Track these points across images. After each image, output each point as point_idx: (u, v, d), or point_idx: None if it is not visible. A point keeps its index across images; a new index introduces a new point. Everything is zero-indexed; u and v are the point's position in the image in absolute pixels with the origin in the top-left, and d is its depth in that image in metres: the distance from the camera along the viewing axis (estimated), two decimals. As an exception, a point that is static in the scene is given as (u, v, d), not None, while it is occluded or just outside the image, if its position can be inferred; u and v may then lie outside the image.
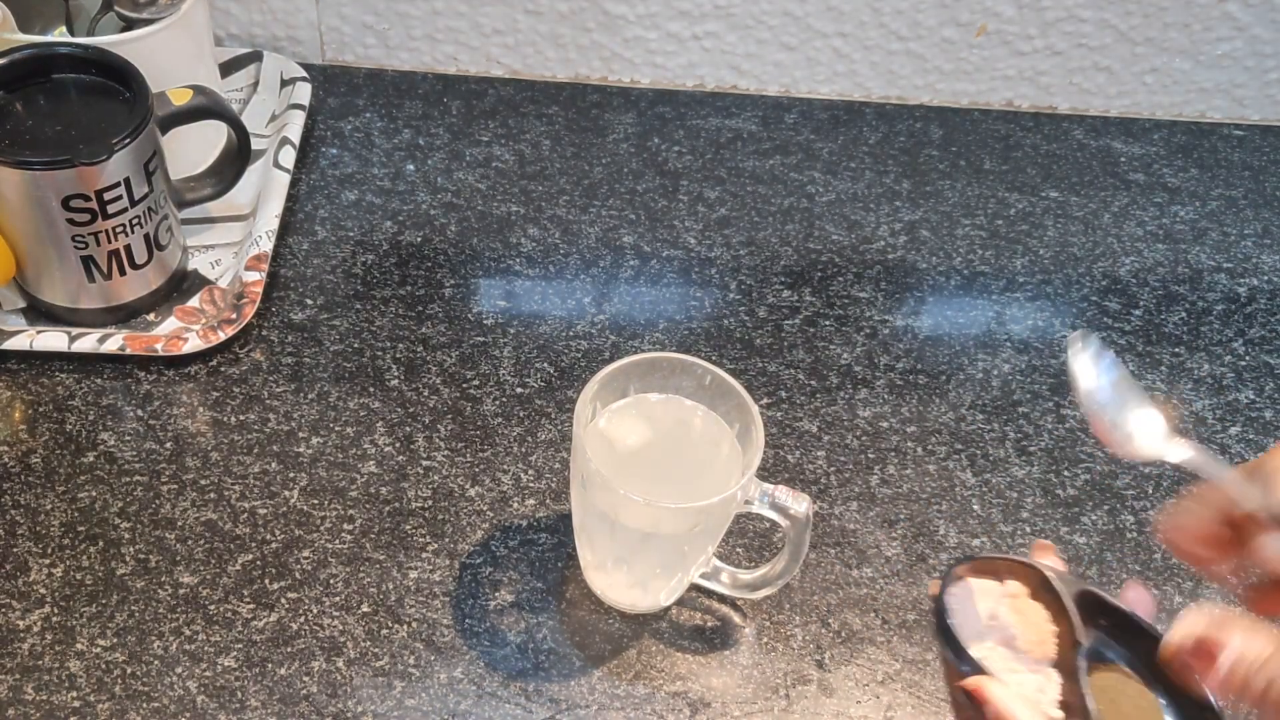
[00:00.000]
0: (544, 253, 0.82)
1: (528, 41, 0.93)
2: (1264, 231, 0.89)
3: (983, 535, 0.68)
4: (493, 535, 0.66)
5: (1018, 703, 0.42)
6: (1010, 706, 0.42)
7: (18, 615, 0.61)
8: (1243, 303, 0.83)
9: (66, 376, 0.71)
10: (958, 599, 0.47)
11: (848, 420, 0.74)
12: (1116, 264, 0.86)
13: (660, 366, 0.60)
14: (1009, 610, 0.47)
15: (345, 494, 0.67)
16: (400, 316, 0.77)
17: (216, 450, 0.69)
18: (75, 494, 0.66)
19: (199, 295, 0.76)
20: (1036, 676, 0.45)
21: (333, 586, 0.63)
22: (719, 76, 0.95)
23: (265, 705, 0.59)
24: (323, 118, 0.90)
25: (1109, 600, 0.47)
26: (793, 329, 0.78)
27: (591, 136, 0.91)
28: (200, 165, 0.80)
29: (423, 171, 0.86)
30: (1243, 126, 0.98)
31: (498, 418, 0.72)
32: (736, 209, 0.86)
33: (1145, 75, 0.95)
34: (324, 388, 0.72)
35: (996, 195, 0.90)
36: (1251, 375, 0.79)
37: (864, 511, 0.69)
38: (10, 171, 0.66)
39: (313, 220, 0.82)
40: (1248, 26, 0.92)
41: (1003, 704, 0.42)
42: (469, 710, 0.59)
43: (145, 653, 0.60)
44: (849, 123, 0.94)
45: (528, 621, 0.63)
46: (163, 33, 0.74)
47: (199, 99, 0.73)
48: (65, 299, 0.73)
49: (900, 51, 0.93)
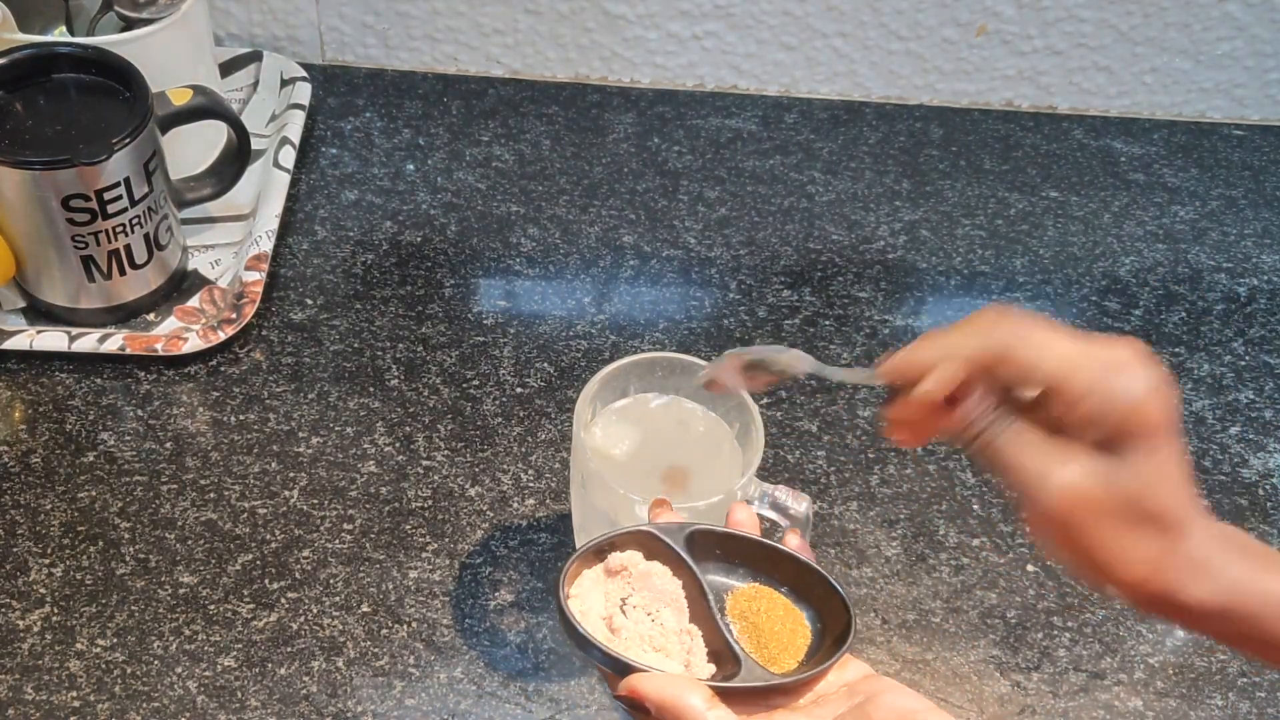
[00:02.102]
0: (544, 253, 0.82)
1: (528, 41, 0.93)
2: (1264, 231, 0.89)
3: (982, 535, 0.69)
4: (493, 535, 0.66)
5: (671, 683, 0.41)
6: (666, 692, 0.41)
7: (18, 615, 0.61)
8: (1242, 303, 0.83)
9: (66, 376, 0.71)
10: (580, 599, 0.46)
11: (848, 420, 0.74)
12: (1116, 264, 0.86)
13: (660, 366, 0.60)
14: (628, 585, 0.46)
15: (345, 494, 0.67)
16: (400, 316, 0.77)
17: (216, 450, 0.69)
18: (75, 494, 0.66)
19: (199, 295, 0.76)
20: (680, 640, 0.45)
21: (333, 586, 0.63)
22: (719, 76, 0.95)
23: (265, 705, 0.59)
24: (323, 118, 0.90)
25: (716, 529, 0.47)
26: (793, 329, 0.78)
27: (591, 136, 0.91)
28: (200, 165, 0.80)
29: (423, 171, 0.86)
30: (1243, 126, 0.98)
31: (498, 418, 0.72)
32: (736, 209, 0.86)
33: (1145, 75, 0.95)
34: (324, 388, 0.72)
35: (996, 195, 0.90)
36: (1251, 375, 0.79)
37: (864, 511, 0.69)
38: (10, 171, 0.66)
39: (313, 220, 0.82)
40: (1248, 26, 0.92)
41: (658, 694, 0.41)
42: (469, 710, 0.59)
43: (145, 653, 0.60)
44: (849, 123, 0.94)
45: (528, 621, 0.63)
46: (163, 33, 0.74)
47: (199, 99, 0.73)
48: (65, 299, 0.73)
49: (900, 51, 0.93)
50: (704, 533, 0.47)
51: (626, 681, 0.42)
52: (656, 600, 0.46)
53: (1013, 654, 0.64)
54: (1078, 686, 0.63)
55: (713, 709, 0.40)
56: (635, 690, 0.41)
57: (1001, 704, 0.62)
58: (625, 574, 0.46)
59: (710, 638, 0.45)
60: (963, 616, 0.65)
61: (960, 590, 0.66)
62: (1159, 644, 0.65)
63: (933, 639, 0.64)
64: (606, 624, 0.45)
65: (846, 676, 0.45)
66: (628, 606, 0.45)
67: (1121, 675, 0.63)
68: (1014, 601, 0.66)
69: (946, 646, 0.64)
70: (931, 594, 0.66)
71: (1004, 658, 0.64)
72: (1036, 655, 0.64)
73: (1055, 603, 0.66)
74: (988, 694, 0.62)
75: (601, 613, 0.45)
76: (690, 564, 0.46)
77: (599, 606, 0.46)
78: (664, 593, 0.46)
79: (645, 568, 0.46)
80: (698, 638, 0.46)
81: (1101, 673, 0.63)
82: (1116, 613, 0.66)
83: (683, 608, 0.46)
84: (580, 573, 0.47)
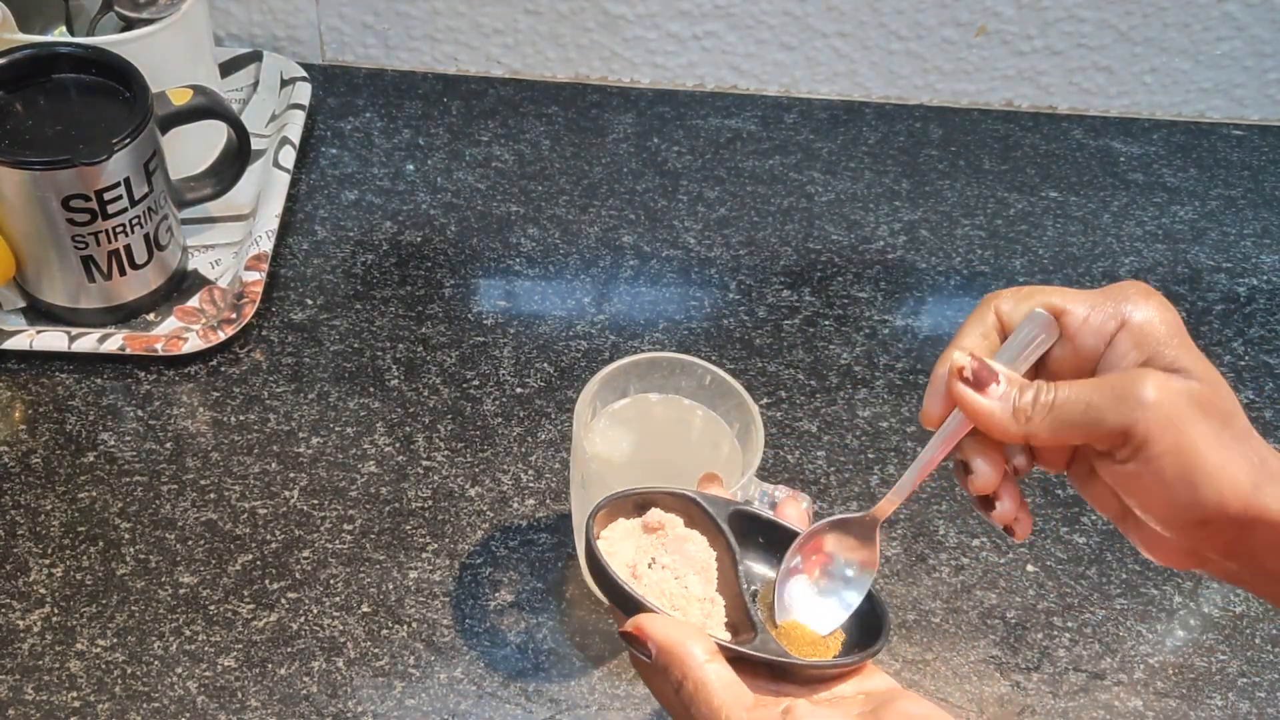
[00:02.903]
0: (544, 253, 0.82)
1: (528, 41, 0.93)
2: (1264, 231, 0.89)
3: (983, 535, 0.69)
4: (493, 535, 0.66)
5: (677, 628, 0.40)
6: (670, 635, 0.40)
7: (18, 615, 0.61)
8: (1242, 303, 0.83)
9: (66, 376, 0.71)
10: (610, 542, 0.45)
11: (848, 420, 0.74)
12: (1116, 264, 0.86)
13: (660, 366, 0.60)
14: (661, 544, 0.46)
15: (345, 494, 0.67)
16: (400, 316, 0.77)
17: (216, 450, 0.69)
18: (75, 494, 0.66)
19: (199, 295, 0.76)
20: (701, 606, 0.44)
21: (333, 586, 0.63)
22: (719, 76, 0.95)
23: (265, 705, 0.59)
24: (323, 118, 0.90)
25: (762, 515, 0.47)
26: (792, 329, 0.78)
27: (591, 136, 0.91)
28: (200, 165, 0.80)
29: (423, 171, 0.86)
30: (1242, 126, 0.98)
31: (498, 418, 0.72)
32: (736, 209, 0.86)
33: (1145, 75, 0.95)
34: (324, 388, 0.72)
35: (996, 195, 0.90)
36: (1251, 375, 0.79)
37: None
38: (10, 171, 0.66)
39: (313, 220, 0.82)
40: (1248, 26, 0.92)
41: (663, 635, 0.40)
42: (469, 710, 0.59)
43: (145, 653, 0.60)
44: (849, 123, 0.94)
45: (528, 621, 0.63)
46: (163, 33, 0.74)
47: (199, 99, 0.73)
48: (65, 299, 0.73)
49: (900, 51, 0.93)
50: (749, 516, 0.47)
51: (634, 619, 0.41)
52: (687, 565, 0.45)
53: (1012, 654, 0.64)
54: (1078, 687, 0.63)
55: (711, 661, 0.39)
56: (640, 628, 0.41)
57: (1001, 704, 0.62)
58: (661, 533, 0.46)
59: (733, 613, 0.45)
60: (963, 616, 0.65)
61: (960, 590, 0.66)
62: (1159, 644, 0.65)
63: (933, 639, 0.64)
64: (630, 571, 0.44)
65: (868, 685, 0.43)
66: (655, 564, 0.45)
67: (1121, 675, 0.63)
68: (1014, 601, 0.66)
69: (946, 646, 0.64)
70: (931, 594, 0.66)
71: (1004, 658, 0.64)
72: (1036, 655, 0.64)
73: (1055, 603, 0.66)
74: (987, 694, 0.62)
75: (628, 561, 0.45)
76: (730, 539, 0.45)
77: (627, 555, 0.45)
78: (695, 560, 0.45)
79: (683, 532, 0.46)
80: (719, 607, 0.45)
81: (1101, 673, 0.63)
82: (1116, 612, 0.66)
83: (711, 578, 0.45)
84: (615, 519, 0.46)
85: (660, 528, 0.46)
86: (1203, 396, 0.38)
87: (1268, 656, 0.65)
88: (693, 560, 0.45)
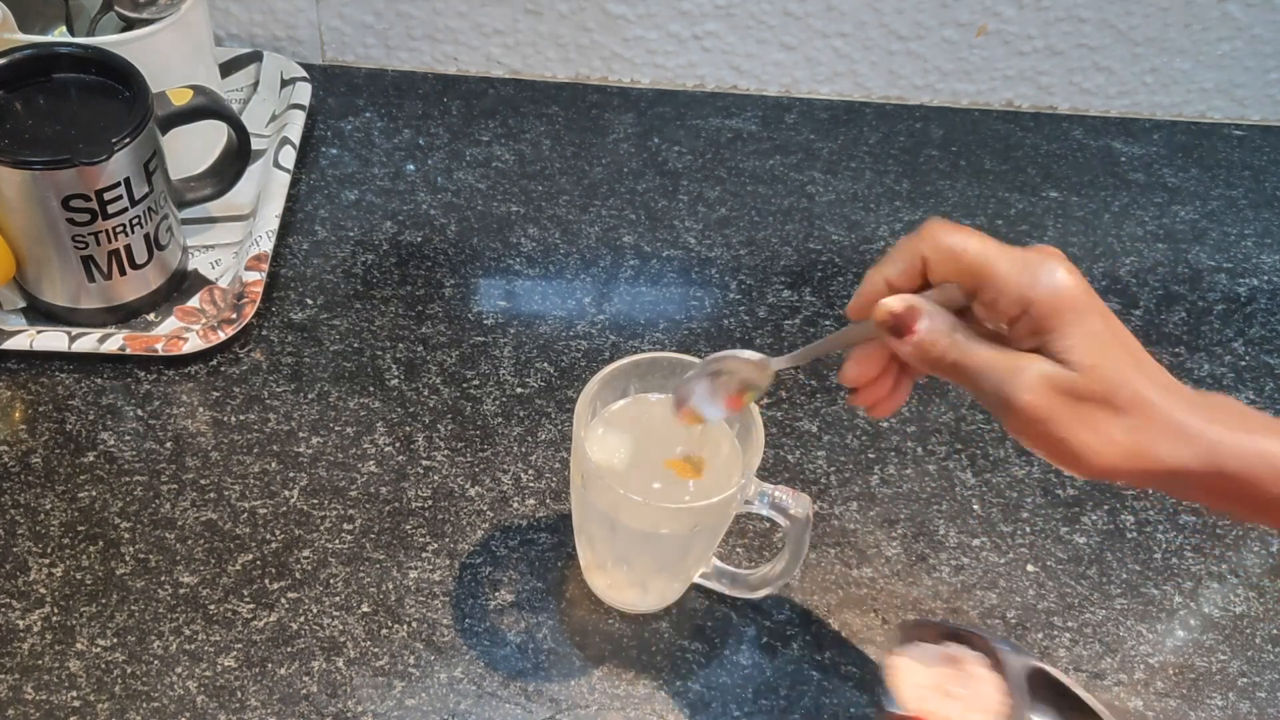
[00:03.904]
0: (544, 252, 0.82)
1: (528, 41, 0.93)
2: (1264, 231, 0.89)
3: (983, 535, 0.68)
4: (493, 535, 0.66)
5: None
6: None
7: (18, 615, 0.61)
8: (1243, 303, 0.83)
9: (66, 376, 0.71)
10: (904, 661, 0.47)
11: (848, 420, 0.74)
12: (1116, 264, 0.86)
13: (660, 366, 0.60)
14: (957, 679, 0.47)
15: (345, 494, 0.67)
16: (400, 316, 0.77)
17: (216, 450, 0.69)
18: (75, 494, 0.66)
19: (199, 295, 0.76)
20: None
21: (333, 586, 0.63)
22: (719, 76, 0.95)
23: (265, 705, 0.59)
24: (323, 118, 0.90)
25: (1061, 680, 0.47)
26: (793, 329, 0.78)
27: (591, 136, 0.91)
28: (200, 165, 0.80)
29: (423, 171, 0.86)
30: (1243, 126, 0.98)
31: (498, 418, 0.72)
32: (736, 209, 0.86)
33: (1145, 75, 0.95)
34: (324, 388, 0.72)
35: (996, 195, 0.90)
36: (1251, 375, 0.79)
37: (864, 511, 0.69)
38: (10, 171, 0.66)
39: (313, 220, 0.82)
40: (1248, 26, 0.92)
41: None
42: (469, 710, 0.59)
43: (145, 653, 0.60)
44: (849, 123, 0.94)
45: (528, 621, 0.63)
46: (163, 33, 0.74)
47: (199, 99, 0.73)
48: (65, 299, 0.73)
49: (900, 51, 0.93)
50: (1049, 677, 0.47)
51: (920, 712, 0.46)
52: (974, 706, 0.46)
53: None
54: (1078, 686, 0.63)
55: None
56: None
57: (1001, 704, 0.62)
58: (961, 666, 0.47)
59: None
60: (963, 616, 0.65)
61: (960, 590, 0.66)
62: (1159, 644, 0.65)
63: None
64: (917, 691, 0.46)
65: None
66: (948, 695, 0.47)
67: (1121, 675, 0.63)
68: (1014, 601, 0.66)
69: (946, 646, 0.64)
70: (931, 594, 0.66)
71: (1004, 658, 0.64)
72: (1036, 655, 0.64)
73: (1055, 603, 0.66)
74: (988, 694, 0.62)
75: (920, 683, 0.46)
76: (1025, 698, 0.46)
77: (921, 678, 0.46)
78: (984, 698, 0.46)
79: (982, 674, 0.47)
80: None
81: (1101, 673, 0.63)
82: (1116, 612, 0.66)
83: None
84: (918, 638, 0.47)
85: (962, 662, 0.47)
86: (1076, 386, 0.42)
87: (1268, 656, 0.65)
88: (982, 700, 0.47)
